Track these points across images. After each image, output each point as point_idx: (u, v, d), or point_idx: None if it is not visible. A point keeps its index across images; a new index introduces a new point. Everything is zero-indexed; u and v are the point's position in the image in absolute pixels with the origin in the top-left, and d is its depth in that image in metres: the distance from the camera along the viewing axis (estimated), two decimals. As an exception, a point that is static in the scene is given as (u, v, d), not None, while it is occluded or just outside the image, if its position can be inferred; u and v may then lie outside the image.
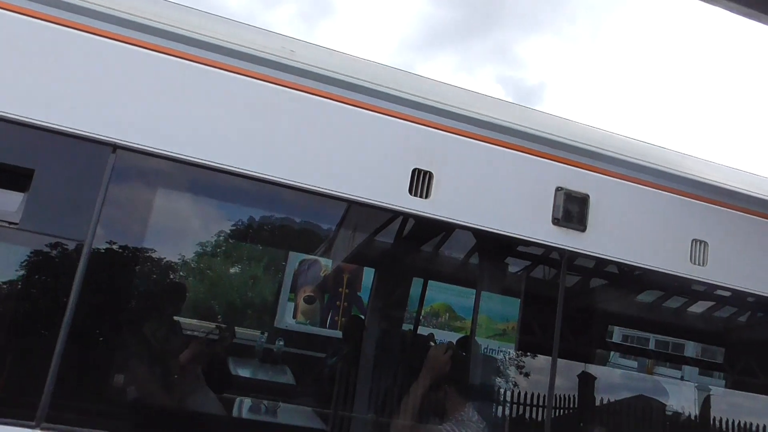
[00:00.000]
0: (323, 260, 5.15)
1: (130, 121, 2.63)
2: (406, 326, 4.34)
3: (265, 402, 3.04)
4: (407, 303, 4.18)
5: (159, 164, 2.68)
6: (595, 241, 3.22)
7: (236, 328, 4.74)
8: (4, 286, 2.54)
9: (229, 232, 3.36)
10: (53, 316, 2.40)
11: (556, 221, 3.17)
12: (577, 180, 3.25)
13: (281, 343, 4.38)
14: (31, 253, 2.51)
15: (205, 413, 2.97)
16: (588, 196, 3.23)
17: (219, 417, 2.98)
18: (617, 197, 3.31)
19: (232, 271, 4.52)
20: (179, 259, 3.12)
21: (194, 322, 3.72)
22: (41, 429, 2.30)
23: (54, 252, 2.51)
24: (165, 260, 2.97)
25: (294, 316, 5.53)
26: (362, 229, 3.35)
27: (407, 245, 3.41)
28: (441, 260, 3.53)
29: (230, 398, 3.09)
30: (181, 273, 3.17)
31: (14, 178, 2.47)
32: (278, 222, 3.38)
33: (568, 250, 3.18)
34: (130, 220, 2.72)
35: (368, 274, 4.50)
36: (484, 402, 3.47)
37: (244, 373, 3.56)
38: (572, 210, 3.20)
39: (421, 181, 3.01)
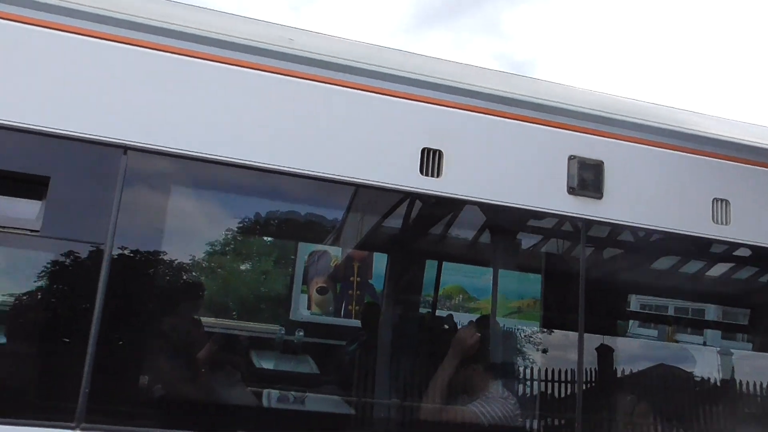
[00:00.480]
0: (332, 250, 5.12)
1: (138, 121, 2.63)
2: (423, 309, 4.30)
3: (293, 392, 3.04)
4: (422, 286, 4.14)
5: (169, 162, 2.69)
6: (614, 207, 3.16)
7: (254, 323, 4.72)
8: (32, 293, 2.57)
9: (243, 226, 3.34)
10: (81, 319, 2.42)
11: (571, 190, 3.11)
12: (590, 147, 3.19)
13: (301, 333, 4.36)
14: (55, 258, 2.54)
15: (238, 405, 2.97)
16: (602, 162, 3.17)
17: (251, 409, 2.97)
18: (632, 161, 3.24)
19: (246, 266, 4.50)
20: (197, 257, 3.12)
21: (213, 319, 3.70)
22: (81, 429, 2.33)
23: (76, 256, 2.54)
24: (184, 258, 2.98)
25: (308, 308, 5.52)
26: (373, 214, 3.32)
27: (420, 227, 3.36)
28: (456, 240, 3.48)
29: (258, 391, 3.08)
30: (198, 270, 3.16)
31: (31, 186, 2.50)
32: (289, 214, 3.34)
33: (586, 219, 3.12)
34: (146, 219, 2.73)
35: (380, 260, 4.46)
36: (510, 379, 3.44)
37: (267, 365, 3.54)
38: (587, 177, 3.14)
39: (431, 160, 2.96)
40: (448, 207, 3.15)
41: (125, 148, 2.57)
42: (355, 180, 2.90)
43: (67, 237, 2.52)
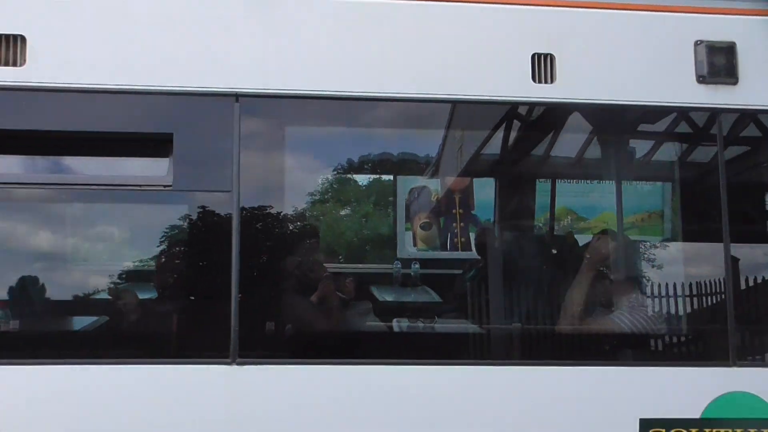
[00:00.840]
0: (432, 184, 5.04)
1: (246, 67, 2.66)
2: (539, 231, 4.17)
3: (421, 320, 3.08)
4: (535, 206, 4.00)
5: (277, 104, 2.73)
6: (752, 92, 2.85)
7: (366, 264, 4.79)
8: (176, 243, 2.77)
9: (360, 161, 3.37)
10: (223, 264, 2.54)
11: (701, 79, 2.84)
12: (717, 28, 2.89)
13: (417, 266, 4.37)
14: (190, 210, 2.70)
15: (376, 332, 3.08)
16: (734, 43, 2.86)
17: (390, 335, 3.08)
18: None
19: (363, 204, 4.51)
20: (316, 197, 3.23)
21: (334, 260, 3.78)
22: (237, 364, 2.47)
23: (209, 205, 2.67)
24: (306, 199, 3.11)
25: (414, 245, 5.51)
26: (481, 135, 3.20)
27: (537, 140, 3.21)
28: (573, 152, 3.31)
29: (388, 323, 3.15)
30: (319, 210, 3.23)
31: (158, 144, 2.64)
32: (403, 144, 3.32)
33: (721, 109, 2.85)
34: (266, 163, 2.80)
35: (485, 188, 4.32)
36: (646, 288, 3.28)
37: (389, 297, 3.60)
38: (718, 63, 2.84)
39: (543, 66, 2.80)
40: (566, 113, 2.99)
41: (236, 96, 2.60)
42: (464, 97, 2.80)
43: (198, 188, 2.66)
